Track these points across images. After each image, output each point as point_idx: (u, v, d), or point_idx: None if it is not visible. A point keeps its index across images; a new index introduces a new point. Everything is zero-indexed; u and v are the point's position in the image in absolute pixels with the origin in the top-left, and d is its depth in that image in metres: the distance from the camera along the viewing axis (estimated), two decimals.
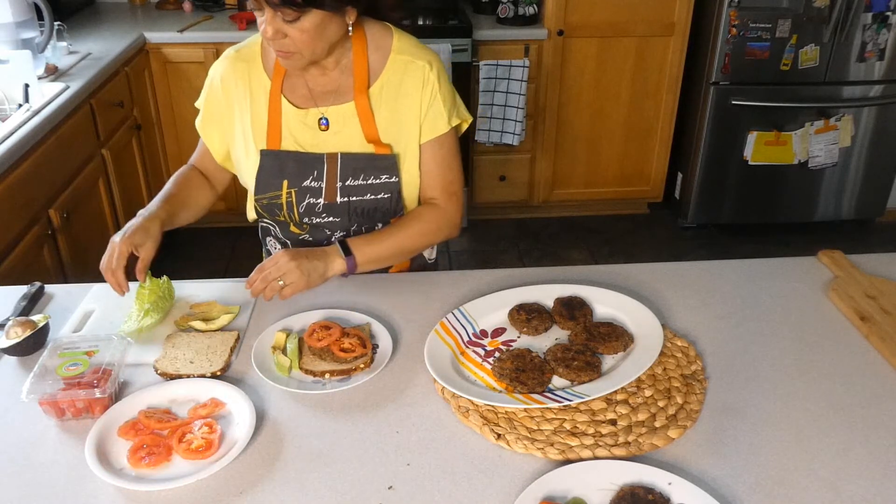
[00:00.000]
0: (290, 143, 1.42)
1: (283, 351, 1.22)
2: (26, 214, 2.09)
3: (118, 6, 3.63)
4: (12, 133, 2.06)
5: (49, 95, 2.34)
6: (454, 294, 1.40)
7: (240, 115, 1.44)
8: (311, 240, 1.48)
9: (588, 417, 1.08)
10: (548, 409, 1.09)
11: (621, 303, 1.33)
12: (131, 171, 2.96)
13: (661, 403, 1.11)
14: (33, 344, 1.23)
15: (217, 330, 1.29)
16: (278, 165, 1.41)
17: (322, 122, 1.40)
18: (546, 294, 1.35)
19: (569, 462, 1.01)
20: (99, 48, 2.88)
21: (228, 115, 1.45)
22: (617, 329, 1.25)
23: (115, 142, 2.77)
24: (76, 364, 1.14)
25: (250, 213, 1.49)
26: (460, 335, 1.26)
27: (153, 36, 3.17)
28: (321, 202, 1.42)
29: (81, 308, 1.36)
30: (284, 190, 1.41)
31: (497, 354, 1.22)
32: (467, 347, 1.25)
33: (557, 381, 1.16)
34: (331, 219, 1.44)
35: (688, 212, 3.69)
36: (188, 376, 1.17)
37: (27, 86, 2.28)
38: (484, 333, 1.28)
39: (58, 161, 2.29)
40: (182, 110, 3.29)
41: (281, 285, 1.29)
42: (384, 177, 1.41)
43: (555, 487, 0.96)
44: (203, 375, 1.17)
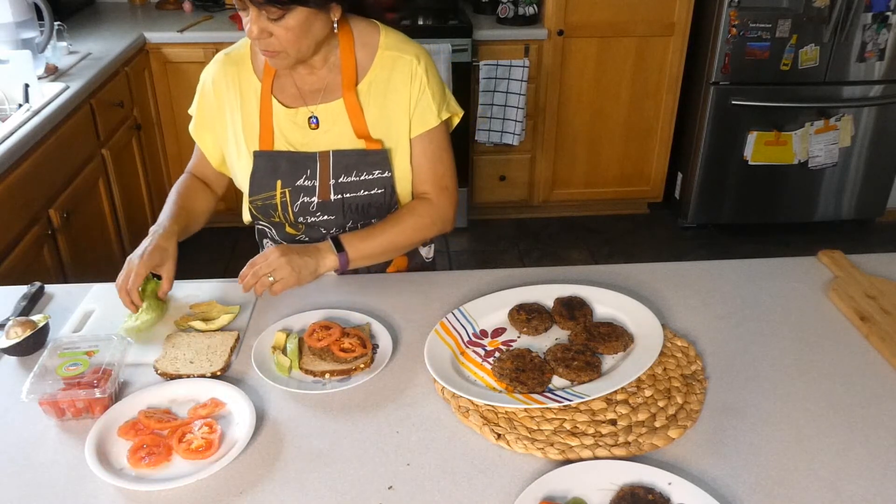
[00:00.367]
0: (282, 142, 1.42)
1: (283, 351, 1.22)
2: (26, 214, 2.09)
3: (118, 6, 3.63)
4: (12, 133, 2.06)
5: (49, 95, 2.34)
6: (454, 294, 1.39)
7: (231, 117, 1.44)
8: (308, 240, 1.48)
9: (588, 417, 1.08)
10: (548, 409, 1.09)
11: (621, 303, 1.33)
12: (131, 171, 2.95)
13: (661, 403, 1.11)
14: (33, 344, 1.23)
15: (217, 330, 1.29)
16: (271, 166, 1.41)
17: (312, 120, 1.40)
18: (546, 294, 1.35)
19: (569, 462, 1.01)
20: (99, 48, 2.88)
21: (220, 119, 1.45)
22: (617, 329, 1.24)
23: (115, 142, 2.76)
24: (76, 364, 1.14)
25: (245, 215, 1.49)
26: (460, 335, 1.26)
27: (153, 36, 3.17)
28: (315, 201, 1.42)
29: (81, 308, 1.36)
30: (278, 190, 1.41)
31: (497, 354, 1.22)
32: (467, 347, 1.25)
33: (557, 381, 1.16)
34: (325, 217, 1.44)
35: (688, 212, 3.69)
36: (188, 376, 1.17)
37: (27, 86, 2.28)
38: (484, 333, 1.28)
39: (58, 161, 2.29)
40: (182, 110, 3.28)
41: (271, 281, 1.29)
42: (376, 172, 1.41)
43: (555, 487, 0.96)
44: (203, 375, 1.17)
